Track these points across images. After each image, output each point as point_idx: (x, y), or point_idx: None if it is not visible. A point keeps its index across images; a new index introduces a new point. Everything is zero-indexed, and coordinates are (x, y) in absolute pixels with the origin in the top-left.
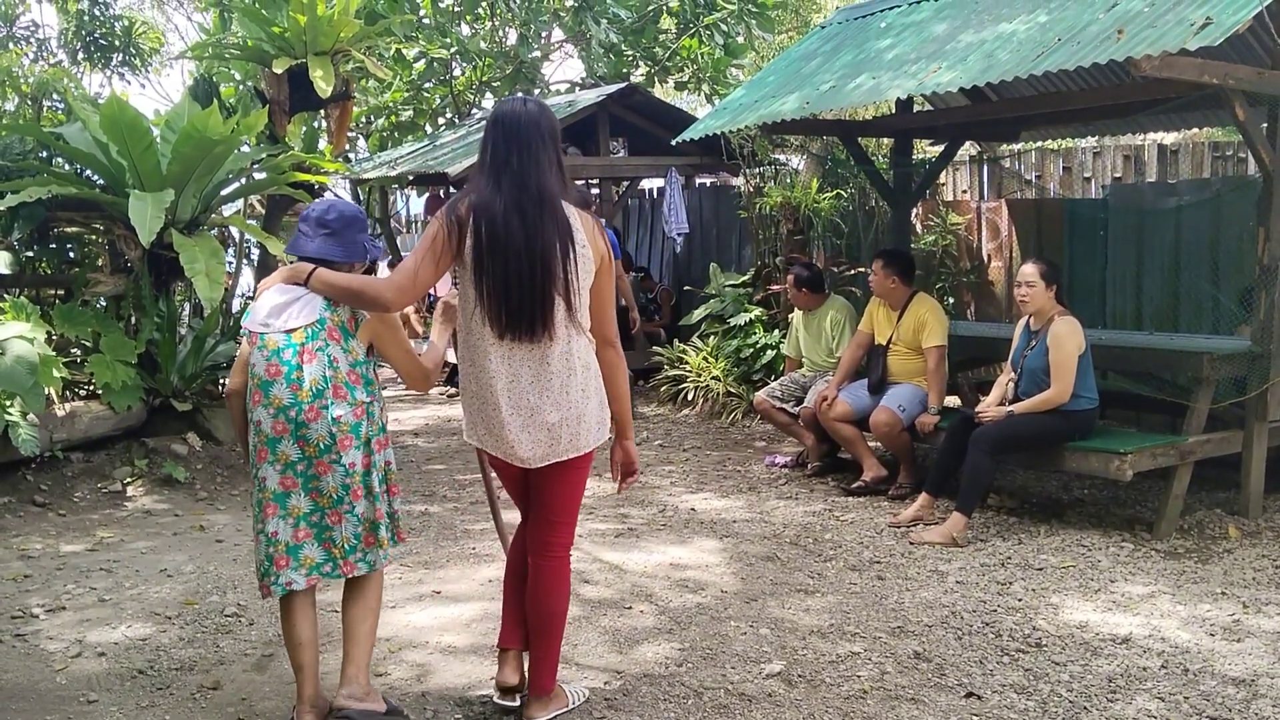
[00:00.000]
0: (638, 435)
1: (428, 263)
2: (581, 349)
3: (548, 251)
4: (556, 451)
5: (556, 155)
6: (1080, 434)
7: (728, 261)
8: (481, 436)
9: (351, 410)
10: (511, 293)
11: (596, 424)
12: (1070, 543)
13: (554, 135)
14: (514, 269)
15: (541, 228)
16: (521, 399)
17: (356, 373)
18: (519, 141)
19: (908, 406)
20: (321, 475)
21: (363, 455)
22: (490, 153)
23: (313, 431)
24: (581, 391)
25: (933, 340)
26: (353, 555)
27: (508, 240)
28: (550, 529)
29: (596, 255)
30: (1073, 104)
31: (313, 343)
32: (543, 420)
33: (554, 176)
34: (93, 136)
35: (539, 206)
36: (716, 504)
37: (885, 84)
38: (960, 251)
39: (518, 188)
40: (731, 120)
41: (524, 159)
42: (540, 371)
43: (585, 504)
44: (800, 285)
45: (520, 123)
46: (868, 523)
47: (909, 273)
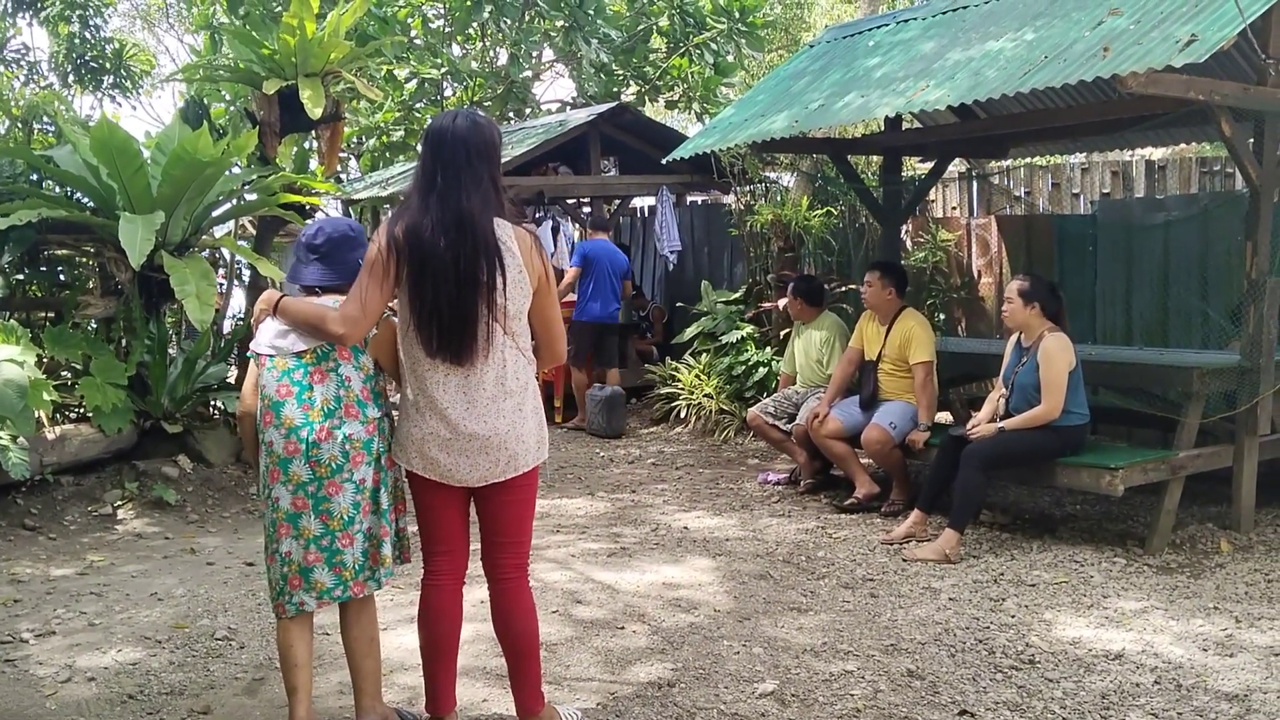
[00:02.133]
0: (630, 454)
1: (372, 288)
2: (519, 370)
3: (473, 272)
4: (496, 472)
5: (488, 172)
6: (1071, 449)
7: (720, 279)
8: (414, 460)
9: (364, 427)
10: (442, 315)
11: (535, 443)
12: (1063, 558)
13: (483, 152)
14: (443, 291)
15: (464, 248)
16: (459, 420)
17: (368, 389)
18: (444, 159)
19: (899, 423)
20: (333, 496)
21: (374, 472)
22: (420, 172)
23: (324, 452)
24: (518, 411)
25: (919, 356)
26: (362, 575)
27: (435, 261)
28: (502, 551)
29: (534, 275)
30: (1060, 121)
31: (324, 363)
32: (480, 443)
33: (479, 197)
34: (83, 159)
35: (460, 229)
36: (709, 522)
37: (874, 102)
38: (951, 268)
39: (443, 207)
40: (722, 139)
41: (449, 178)
42: (476, 393)
43: (578, 523)
44: (797, 294)
45: (446, 140)
46: (860, 540)
47: (904, 285)
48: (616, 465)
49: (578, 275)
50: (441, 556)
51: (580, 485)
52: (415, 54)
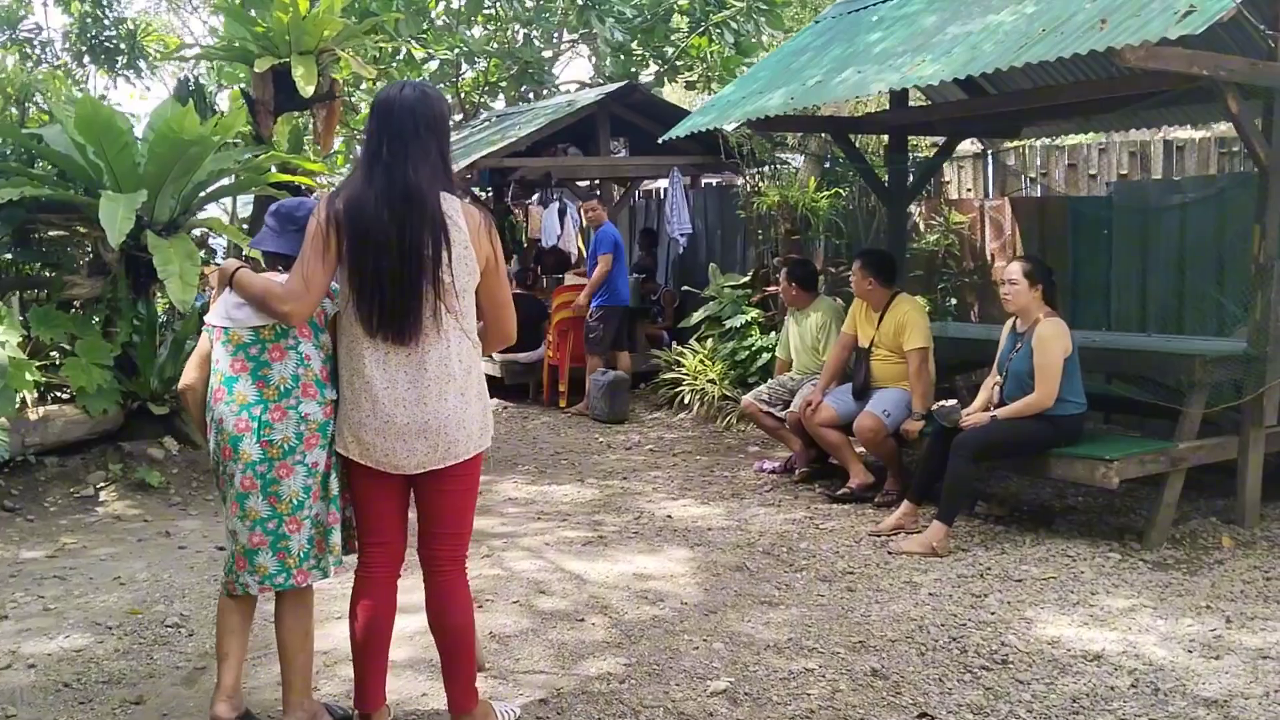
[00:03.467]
0: (630, 439)
1: (314, 263)
2: (463, 352)
3: (418, 249)
4: (435, 458)
5: (436, 146)
6: (1066, 440)
7: (732, 263)
8: (350, 445)
9: (322, 409)
10: (384, 292)
11: (479, 429)
12: (1055, 553)
13: (432, 124)
14: (384, 267)
15: (409, 222)
16: (398, 403)
17: (328, 368)
18: (391, 131)
19: (893, 411)
20: (283, 479)
21: (327, 456)
22: (366, 143)
23: (277, 432)
24: (461, 395)
25: (914, 343)
26: (306, 563)
27: (379, 236)
28: (439, 542)
29: (481, 255)
30: (1065, 98)
31: (283, 340)
32: (419, 427)
33: (427, 169)
34: (70, 138)
35: (406, 201)
36: (695, 511)
37: (870, 77)
38: (963, 251)
39: (387, 181)
40: (719, 116)
41: (395, 150)
42: (417, 375)
43: (561, 510)
44: (791, 279)
45: (393, 111)
46: (848, 531)
47: (888, 274)
48: (613, 451)
49: (611, 262)
50: (376, 548)
51: (572, 471)
52: (433, 34)
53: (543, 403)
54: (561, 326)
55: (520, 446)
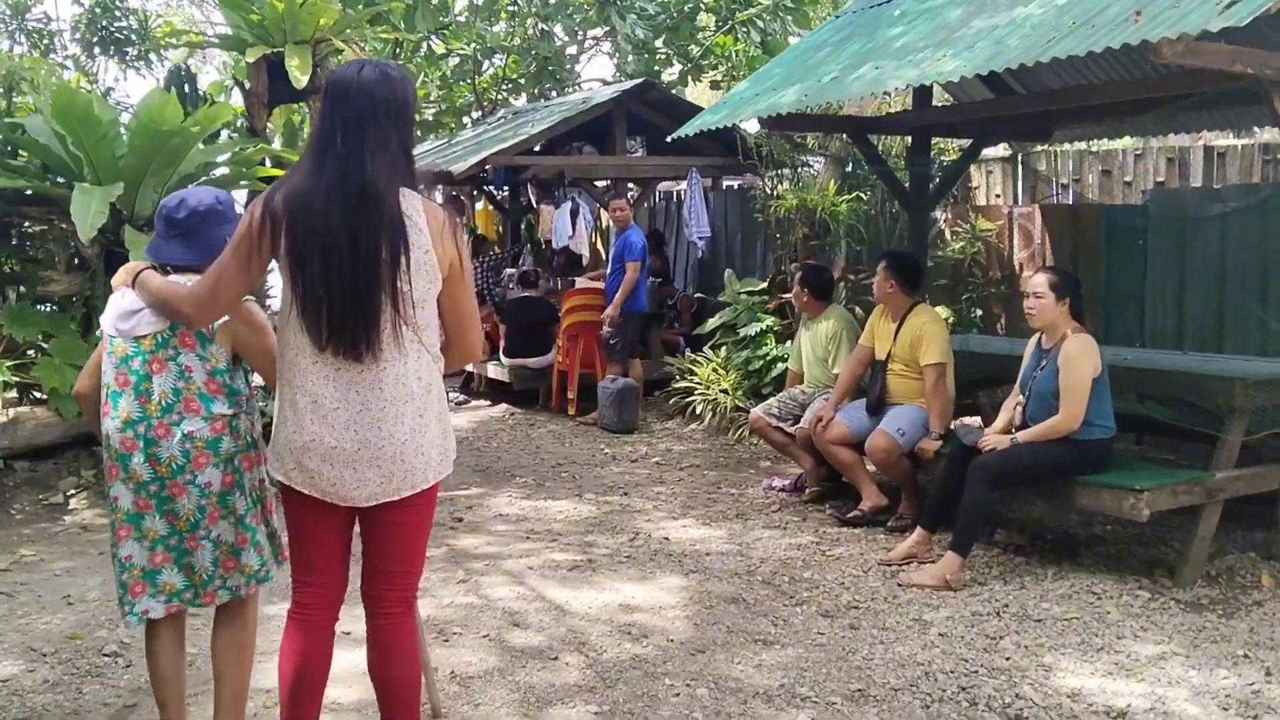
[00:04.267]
0: (637, 451)
1: (234, 267)
2: (422, 368)
3: (374, 252)
4: (389, 489)
5: (397, 135)
6: (1093, 466)
7: (751, 267)
8: (291, 471)
9: (208, 425)
10: (334, 301)
11: (438, 455)
12: (1079, 589)
13: (393, 109)
14: (336, 274)
15: (364, 223)
16: (349, 426)
17: (217, 382)
18: (346, 116)
19: (908, 430)
20: (176, 497)
21: (222, 474)
22: (316, 130)
23: (164, 449)
24: (419, 417)
25: (930, 357)
26: (212, 584)
27: (328, 238)
28: (387, 581)
29: (444, 260)
30: (1098, 98)
31: (163, 351)
32: (372, 453)
33: (385, 161)
34: (51, 128)
35: (362, 199)
36: (694, 533)
37: (887, 74)
38: (990, 260)
39: (339, 175)
40: (731, 114)
41: (349, 140)
42: (370, 394)
43: (552, 530)
44: (804, 285)
45: (349, 94)
46: (856, 559)
47: (912, 280)
48: (617, 464)
49: (639, 270)
50: (312, 589)
51: (571, 485)
52: (454, 30)
53: (551, 410)
54: (572, 331)
55: (522, 456)
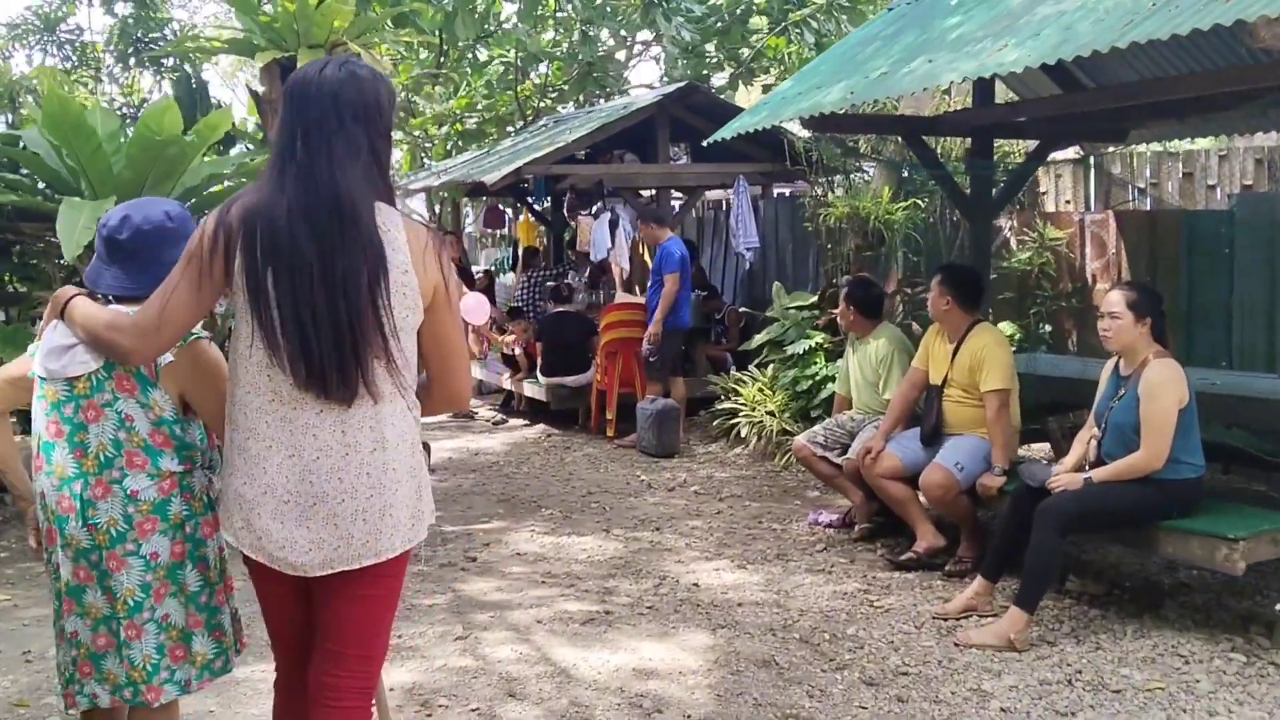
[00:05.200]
0: (675, 478)
1: (184, 290)
2: (397, 415)
3: (354, 277)
4: (347, 555)
5: (369, 142)
6: (1179, 509)
7: (803, 280)
8: (240, 531)
9: (155, 484)
10: (305, 333)
11: (409, 518)
12: (1163, 651)
13: (362, 112)
14: (305, 300)
15: (343, 244)
16: (304, 480)
17: (163, 433)
18: (308, 122)
19: (967, 464)
20: (114, 573)
21: (171, 543)
22: (275, 140)
23: (102, 513)
24: (389, 472)
25: (992, 383)
26: (156, 677)
27: (294, 259)
28: (337, 664)
29: (427, 285)
30: (1180, 92)
31: (98, 395)
32: (330, 510)
33: (357, 172)
34: (47, 140)
35: (334, 215)
36: (728, 578)
37: (941, 67)
38: (1060, 271)
39: (305, 187)
40: (771, 114)
41: (315, 145)
42: (334, 443)
43: (571, 572)
44: (850, 302)
45: (309, 96)
46: (907, 611)
47: (970, 296)
48: (653, 492)
49: (678, 281)
50: (291, 658)
51: (600, 518)
52: (498, 36)
53: (590, 431)
54: (610, 348)
55: (552, 483)
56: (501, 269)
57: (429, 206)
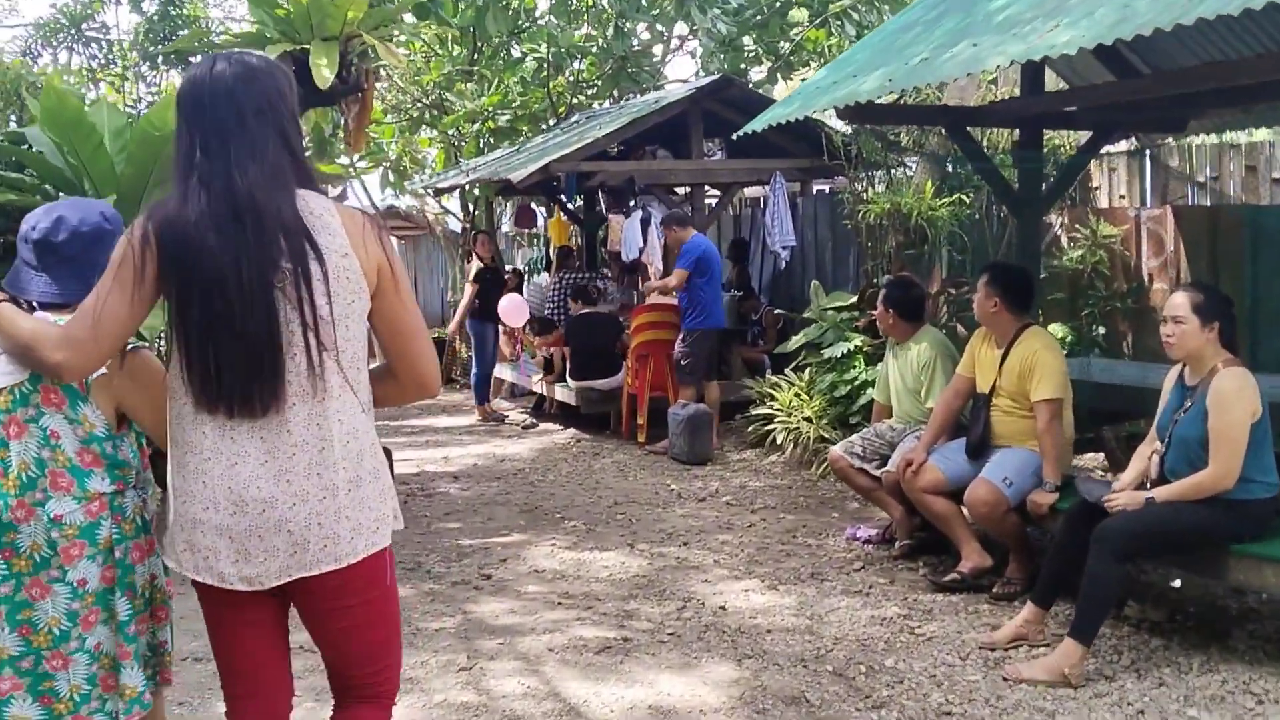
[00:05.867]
0: (707, 487)
1: (116, 300)
2: (345, 411)
3: (263, 272)
4: (304, 561)
5: (276, 134)
6: (1251, 532)
7: (843, 279)
8: (182, 554)
9: (82, 506)
10: (221, 341)
11: (371, 520)
12: (1233, 688)
13: (264, 107)
14: (219, 306)
15: (249, 244)
16: (248, 488)
17: (92, 452)
18: (205, 124)
19: (1016, 479)
20: (36, 601)
21: (101, 569)
22: (176, 147)
23: (24, 537)
24: (340, 471)
25: (1043, 391)
26: (85, 707)
27: (202, 268)
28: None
29: (370, 266)
30: (1244, 78)
31: (21, 410)
32: (279, 516)
33: (262, 169)
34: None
35: (237, 218)
36: (758, 600)
37: (986, 51)
38: (1114, 270)
39: (208, 192)
40: (803, 105)
41: (213, 148)
42: (276, 445)
43: (591, 592)
44: (888, 304)
45: (202, 97)
46: (952, 640)
47: (1020, 297)
48: (683, 503)
49: (685, 279)
50: (244, 700)
51: (625, 531)
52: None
53: (621, 436)
54: (641, 351)
55: (577, 493)
56: (535, 268)
57: (463, 205)
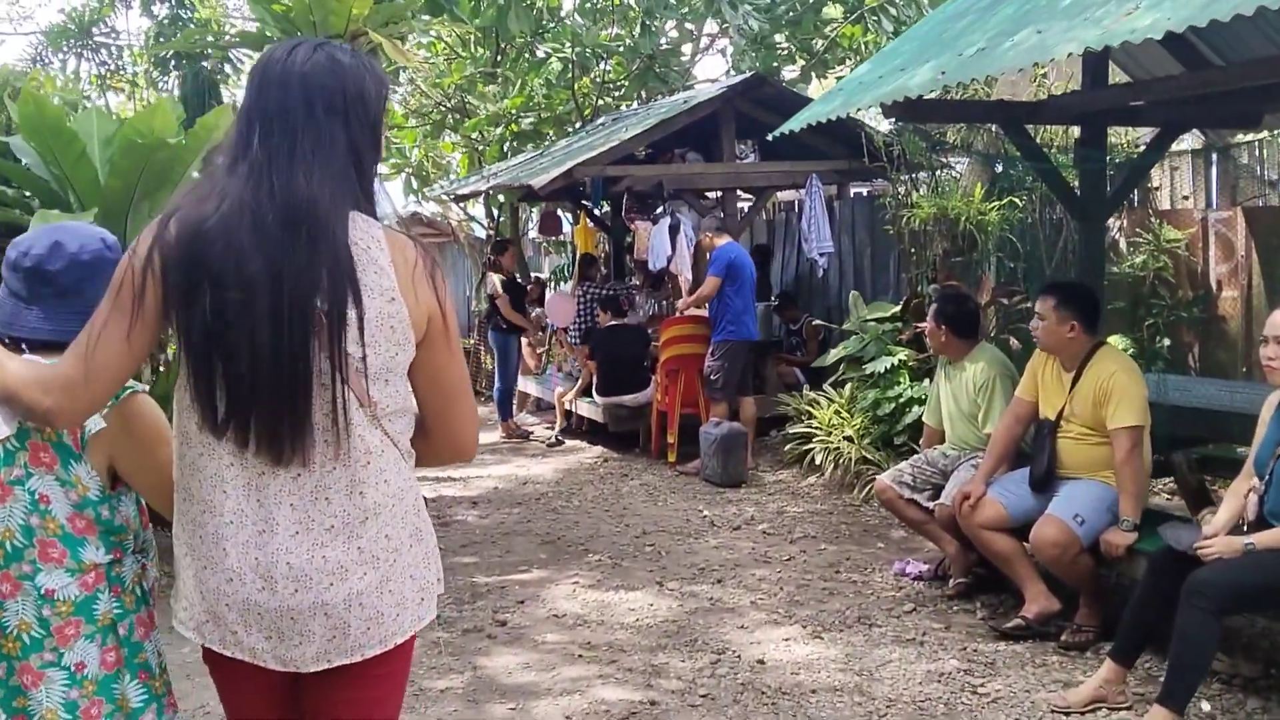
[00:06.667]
0: (742, 513)
1: (112, 332)
2: (389, 470)
3: (304, 303)
4: (345, 646)
5: (349, 139)
6: None
7: (883, 289)
8: (204, 626)
9: (76, 580)
10: (251, 376)
11: (415, 594)
12: None
13: (341, 105)
14: (246, 331)
15: (293, 260)
16: (277, 559)
17: (86, 518)
18: (268, 111)
19: (1089, 516)
20: (30, 690)
21: (102, 650)
22: (230, 135)
23: (10, 615)
24: (383, 540)
25: (1123, 418)
26: None
27: (237, 280)
28: None
29: (419, 314)
30: None
31: (7, 470)
32: (316, 598)
33: (328, 175)
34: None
35: (290, 224)
36: (799, 651)
37: (1054, 39)
38: (1179, 277)
39: (257, 191)
40: (846, 102)
41: (273, 143)
42: (310, 517)
43: (615, 642)
44: (941, 320)
45: (273, 82)
46: (1019, 700)
47: (1094, 317)
48: (716, 532)
49: (718, 287)
50: None
51: (653, 567)
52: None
53: (650, 455)
54: (670, 365)
55: (603, 520)
56: (562, 276)
57: (487, 212)
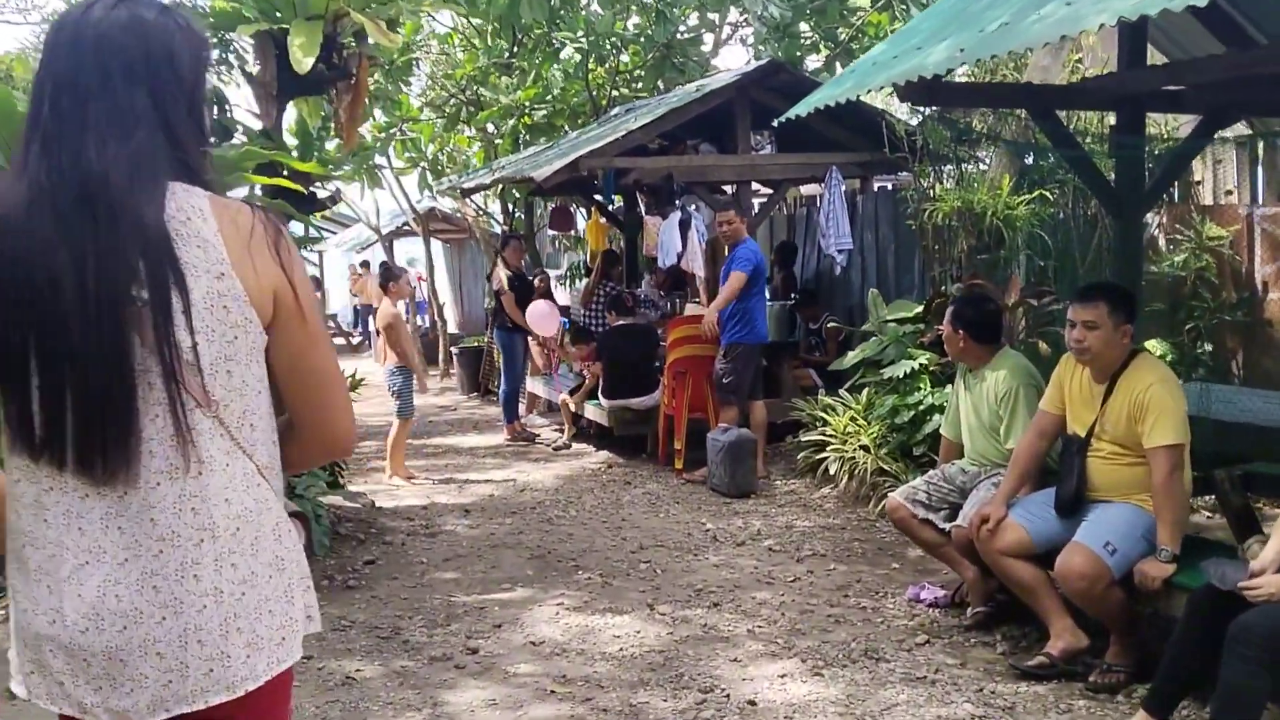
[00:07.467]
0: (748, 526)
1: None
2: (235, 487)
3: (111, 290)
4: (183, 692)
5: (155, 103)
6: None
7: (906, 287)
8: (30, 678)
9: None
10: (72, 390)
11: (275, 631)
12: None
13: (144, 66)
14: (50, 328)
15: (94, 245)
16: (104, 592)
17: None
18: (63, 80)
19: (1120, 544)
20: None
21: None
22: (30, 106)
23: None
24: (228, 569)
25: (1161, 436)
26: None
27: (32, 274)
28: None
29: (262, 289)
30: None
31: None
32: (147, 634)
33: (125, 146)
34: None
35: (86, 205)
36: (796, 690)
37: (1085, 9)
38: (1223, 277)
39: (49, 169)
40: (858, 84)
41: (65, 108)
42: (137, 541)
43: (593, 677)
44: (958, 323)
45: (62, 45)
46: None
47: (1133, 315)
48: (718, 548)
49: (744, 283)
50: None
51: (646, 586)
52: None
53: (657, 461)
54: (678, 367)
55: (599, 534)
56: (576, 273)
57: (502, 207)
